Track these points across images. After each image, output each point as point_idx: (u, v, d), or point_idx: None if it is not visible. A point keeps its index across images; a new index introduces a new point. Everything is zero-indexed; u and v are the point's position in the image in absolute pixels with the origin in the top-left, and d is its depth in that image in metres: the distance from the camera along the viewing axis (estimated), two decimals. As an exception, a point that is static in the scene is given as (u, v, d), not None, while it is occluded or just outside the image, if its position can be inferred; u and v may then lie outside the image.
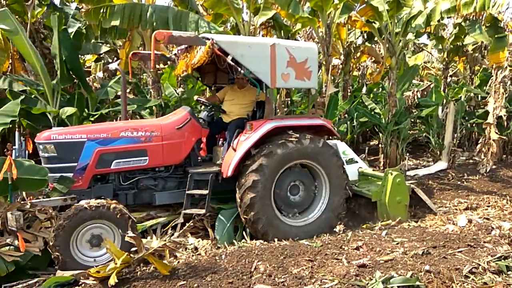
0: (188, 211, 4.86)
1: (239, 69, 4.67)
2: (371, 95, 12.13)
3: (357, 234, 4.73)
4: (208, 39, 4.47)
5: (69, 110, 5.97)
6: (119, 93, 7.22)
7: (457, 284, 3.43)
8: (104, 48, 9.58)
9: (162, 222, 5.04)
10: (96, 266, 3.59)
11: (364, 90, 13.59)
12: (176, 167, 5.08)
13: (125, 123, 5.10)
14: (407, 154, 10.01)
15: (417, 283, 3.30)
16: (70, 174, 4.47)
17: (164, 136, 4.87)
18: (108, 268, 3.42)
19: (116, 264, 3.40)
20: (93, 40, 8.60)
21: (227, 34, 7.92)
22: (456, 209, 6.05)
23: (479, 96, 11.84)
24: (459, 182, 8.12)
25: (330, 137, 5.99)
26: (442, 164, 9.51)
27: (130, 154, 4.69)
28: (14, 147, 4.76)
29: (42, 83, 6.26)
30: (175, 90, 8.72)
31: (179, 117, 5.09)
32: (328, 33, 7.39)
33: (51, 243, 3.84)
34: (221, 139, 5.45)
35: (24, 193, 4.40)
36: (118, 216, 4.02)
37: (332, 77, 8.06)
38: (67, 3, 8.63)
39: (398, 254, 3.96)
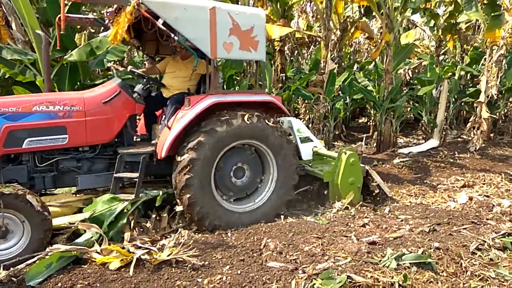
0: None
1: (172, 35, 4.03)
2: (361, 73, 12.06)
3: (361, 211, 4.72)
4: None
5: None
6: (109, 64, 6.89)
7: (466, 260, 3.46)
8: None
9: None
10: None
11: (355, 67, 13.53)
12: (104, 147, 4.46)
13: (40, 95, 4.47)
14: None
15: (429, 260, 3.32)
16: None
17: (88, 111, 4.21)
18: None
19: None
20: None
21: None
22: (454, 187, 6.12)
23: (468, 74, 11.95)
24: (451, 160, 8.22)
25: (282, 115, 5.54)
26: (433, 142, 9.62)
27: (45, 131, 4.04)
28: None
29: (34, 52, 5.89)
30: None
31: (107, 89, 4.44)
32: (329, 5, 7.17)
33: None
34: (163, 117, 4.86)
35: None
36: (37, 214, 3.52)
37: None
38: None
39: (405, 231, 3.98)
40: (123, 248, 3.40)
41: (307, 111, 9.63)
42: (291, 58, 13.10)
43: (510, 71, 10.10)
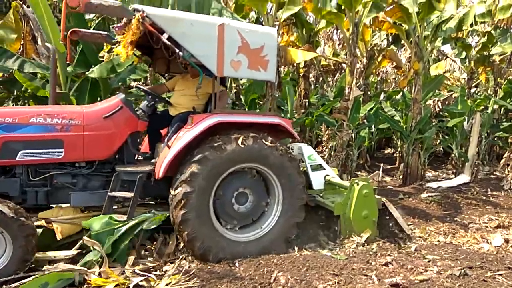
0: None
1: (177, 51, 3.83)
2: (388, 102, 11.75)
3: (384, 247, 4.33)
4: (139, 10, 3.72)
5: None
6: (132, 83, 6.90)
7: (501, 313, 3.06)
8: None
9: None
10: None
11: (382, 96, 13.22)
12: (102, 164, 4.24)
13: (39, 107, 4.30)
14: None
15: (459, 309, 2.93)
16: None
17: (87, 125, 4.02)
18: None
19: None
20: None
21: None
22: (487, 227, 5.62)
23: (502, 108, 11.43)
24: (484, 197, 7.67)
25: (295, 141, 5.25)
26: (464, 177, 9.06)
27: (41, 144, 3.89)
28: None
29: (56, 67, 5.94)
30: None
31: (108, 104, 4.27)
32: (356, 32, 7.00)
33: None
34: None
35: None
36: (12, 221, 3.31)
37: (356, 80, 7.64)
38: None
39: (432, 274, 3.59)
40: (123, 272, 3.17)
41: (330, 138, 9.35)
42: (316, 85, 12.97)
43: (548, 105, 9.55)
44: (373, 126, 10.40)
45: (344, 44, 10.99)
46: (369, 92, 10.99)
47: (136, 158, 4.53)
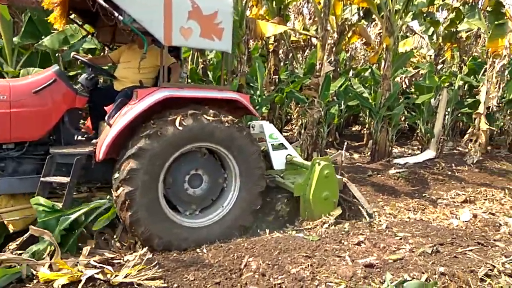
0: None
1: (116, 14, 3.34)
2: (356, 79, 11.69)
3: (356, 226, 4.26)
4: None
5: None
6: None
7: (474, 289, 3.04)
8: None
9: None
10: None
11: (350, 73, 13.15)
12: (34, 145, 3.80)
13: None
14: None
15: (434, 288, 2.88)
16: None
17: (14, 101, 3.56)
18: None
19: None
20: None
21: None
22: (454, 202, 5.70)
23: (466, 85, 11.66)
24: (449, 172, 7.83)
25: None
26: (430, 153, 9.22)
27: None
28: None
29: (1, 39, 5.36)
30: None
31: (40, 77, 3.81)
32: (328, 5, 6.73)
33: None
34: None
35: None
36: None
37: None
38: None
39: (405, 252, 3.55)
40: (77, 263, 2.88)
41: (300, 116, 9.20)
42: (286, 62, 12.68)
43: (511, 82, 9.78)
44: (342, 104, 10.32)
45: (314, 19, 10.74)
46: (338, 69, 10.86)
47: (76, 138, 4.09)
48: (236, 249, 3.41)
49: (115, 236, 3.72)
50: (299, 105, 8.93)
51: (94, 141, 3.87)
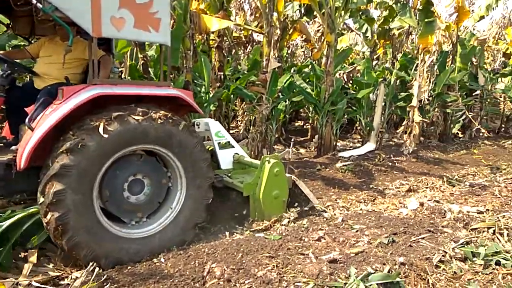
0: None
1: (35, 1, 2.91)
2: (298, 75, 11.88)
3: (315, 222, 4.26)
4: None
5: None
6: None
7: (432, 276, 3.18)
8: None
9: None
10: None
11: (292, 70, 13.34)
12: None
13: None
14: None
15: (397, 279, 2.94)
16: None
17: None
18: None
19: None
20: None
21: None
22: (400, 191, 5.97)
23: (399, 80, 12.38)
24: (390, 163, 8.23)
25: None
26: (370, 145, 9.63)
27: None
28: None
29: None
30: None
31: None
32: (272, 0, 6.69)
33: None
34: None
35: None
36: None
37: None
38: None
39: (364, 244, 3.62)
40: (17, 284, 2.52)
41: (246, 113, 9.11)
42: (228, 58, 12.52)
43: (440, 76, 10.52)
44: (287, 99, 10.40)
45: (256, 15, 10.68)
46: (281, 66, 10.94)
47: None
48: (196, 255, 3.22)
49: (57, 252, 3.33)
50: (245, 102, 8.83)
51: (13, 147, 3.43)
